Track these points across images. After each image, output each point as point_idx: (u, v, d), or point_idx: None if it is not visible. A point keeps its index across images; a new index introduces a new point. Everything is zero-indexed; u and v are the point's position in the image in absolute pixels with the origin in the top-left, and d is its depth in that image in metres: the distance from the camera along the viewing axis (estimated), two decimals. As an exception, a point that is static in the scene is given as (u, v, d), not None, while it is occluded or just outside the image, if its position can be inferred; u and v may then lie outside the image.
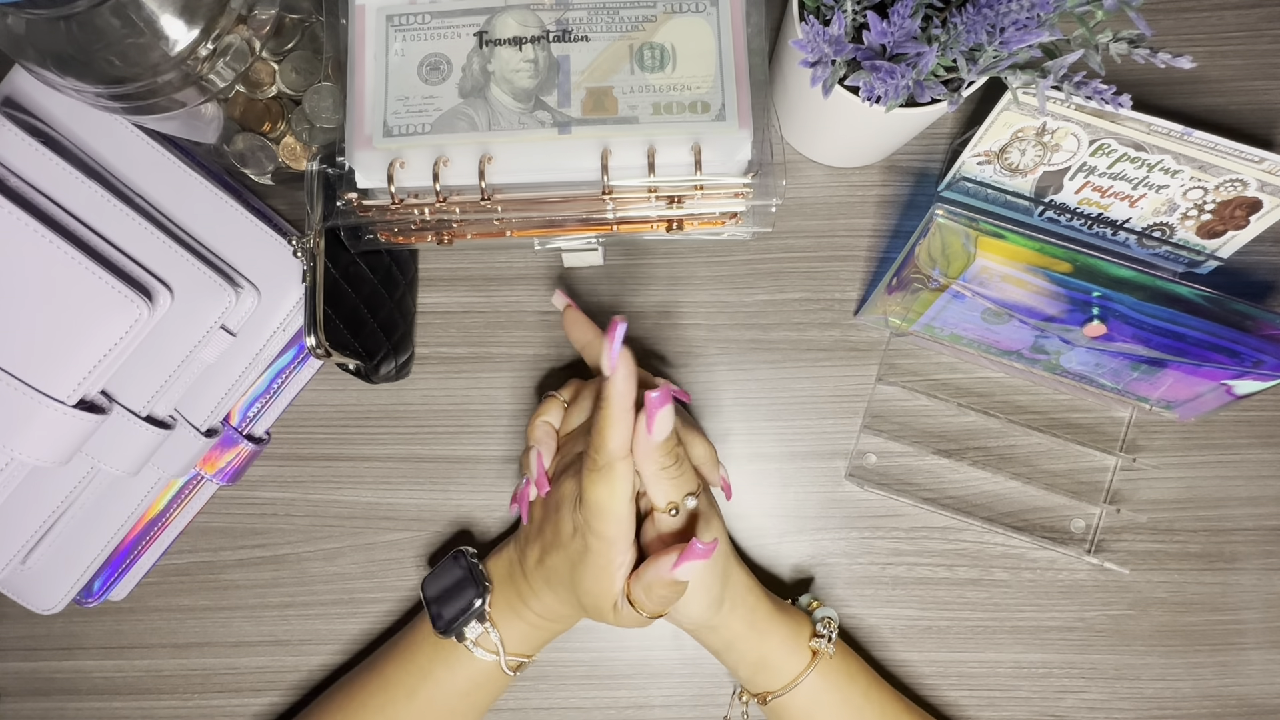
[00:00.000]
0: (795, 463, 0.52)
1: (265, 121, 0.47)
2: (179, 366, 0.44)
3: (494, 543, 0.52)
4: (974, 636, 0.51)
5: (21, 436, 0.39)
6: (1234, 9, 0.53)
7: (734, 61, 0.41)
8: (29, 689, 0.52)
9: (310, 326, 0.42)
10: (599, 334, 0.46)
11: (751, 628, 0.44)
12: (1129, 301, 0.41)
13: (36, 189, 0.42)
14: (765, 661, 0.45)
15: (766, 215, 0.43)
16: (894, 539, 0.51)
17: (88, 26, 0.36)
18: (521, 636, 0.45)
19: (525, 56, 0.42)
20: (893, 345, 0.52)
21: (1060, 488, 0.51)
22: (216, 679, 0.52)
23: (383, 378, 0.49)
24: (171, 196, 0.46)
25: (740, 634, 0.44)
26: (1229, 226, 0.47)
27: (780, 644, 0.44)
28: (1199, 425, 0.51)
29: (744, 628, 0.44)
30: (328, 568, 0.52)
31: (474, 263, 0.53)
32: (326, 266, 0.43)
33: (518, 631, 0.45)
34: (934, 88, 0.40)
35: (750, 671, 0.45)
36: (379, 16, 0.42)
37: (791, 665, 0.44)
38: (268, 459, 0.53)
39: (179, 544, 0.52)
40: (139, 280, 0.42)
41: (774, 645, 0.44)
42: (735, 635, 0.44)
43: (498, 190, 0.41)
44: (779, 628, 0.45)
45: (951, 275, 0.42)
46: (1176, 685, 0.50)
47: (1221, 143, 0.42)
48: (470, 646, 0.45)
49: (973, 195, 0.51)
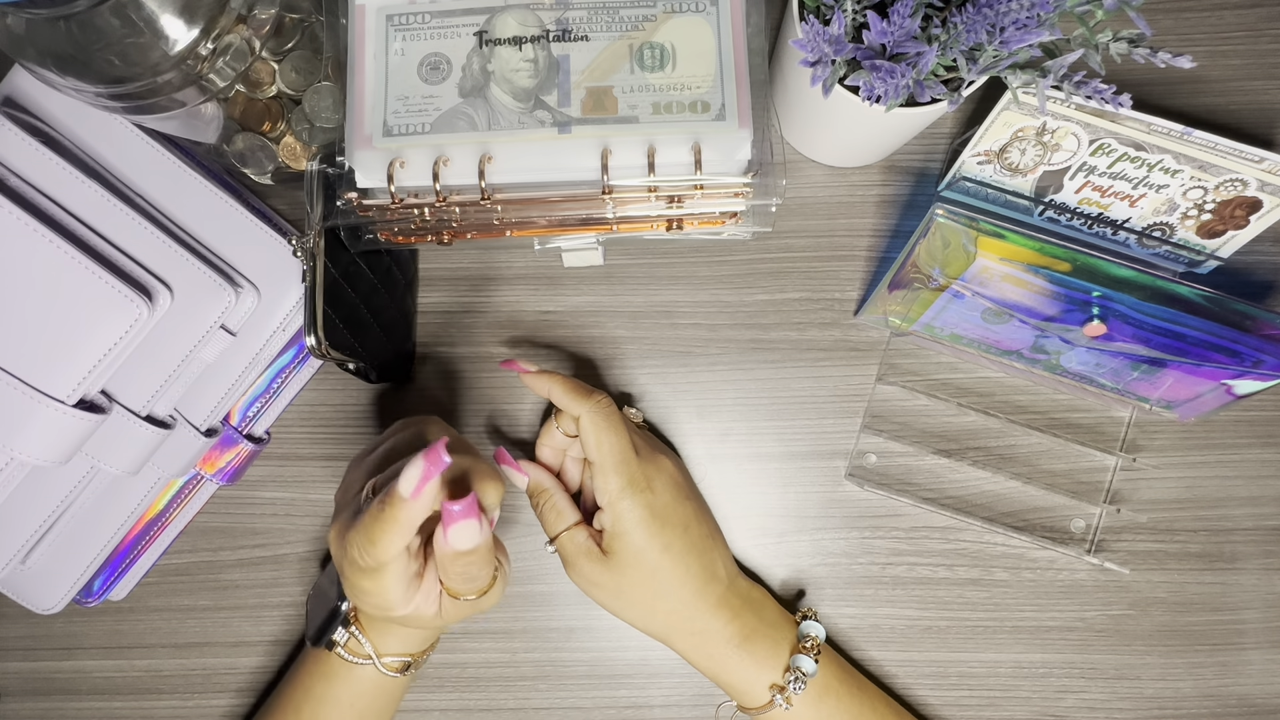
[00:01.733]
0: (795, 463, 0.52)
1: (265, 121, 0.47)
2: (179, 366, 0.44)
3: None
4: (974, 636, 0.51)
5: (21, 436, 0.39)
6: (1234, 9, 0.53)
7: (734, 61, 0.41)
8: (29, 689, 0.52)
9: (310, 326, 0.42)
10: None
11: (736, 648, 0.45)
12: (1129, 301, 0.41)
13: (36, 189, 0.42)
14: (735, 687, 0.45)
15: (766, 215, 0.43)
16: (894, 539, 0.51)
17: (88, 26, 0.36)
18: (399, 638, 0.44)
19: (525, 56, 0.42)
20: (893, 345, 0.52)
21: (1060, 488, 0.51)
22: (216, 679, 0.52)
23: (383, 378, 0.49)
24: (171, 196, 0.46)
25: (708, 659, 0.45)
26: (1229, 226, 0.47)
27: (745, 677, 0.45)
28: (1199, 425, 0.51)
29: (722, 648, 0.44)
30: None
31: (474, 263, 0.53)
32: (326, 266, 0.43)
33: (392, 634, 0.44)
34: (934, 87, 0.40)
35: (727, 691, 0.46)
36: (379, 16, 0.42)
37: (760, 695, 0.45)
38: (268, 459, 0.53)
39: (179, 544, 0.52)
40: (139, 280, 0.42)
41: (740, 676, 0.45)
42: (704, 660, 0.45)
43: (498, 190, 0.41)
44: (745, 659, 0.45)
45: (951, 275, 0.42)
46: (1177, 685, 0.50)
47: (1221, 142, 0.42)
48: (341, 654, 0.44)
49: (973, 195, 0.51)
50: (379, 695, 0.45)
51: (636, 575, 0.43)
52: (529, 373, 0.45)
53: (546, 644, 0.52)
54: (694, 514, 0.45)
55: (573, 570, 0.44)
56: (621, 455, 0.43)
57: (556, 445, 0.48)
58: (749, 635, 0.45)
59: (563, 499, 0.45)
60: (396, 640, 0.44)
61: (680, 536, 0.44)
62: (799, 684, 0.44)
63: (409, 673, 0.46)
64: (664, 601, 0.44)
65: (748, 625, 0.45)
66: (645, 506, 0.43)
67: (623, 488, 0.42)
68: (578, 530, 0.44)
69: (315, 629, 0.44)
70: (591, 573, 0.44)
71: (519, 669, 0.52)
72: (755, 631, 0.45)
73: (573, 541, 0.44)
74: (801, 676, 0.44)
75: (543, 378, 0.44)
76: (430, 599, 0.36)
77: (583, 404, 0.43)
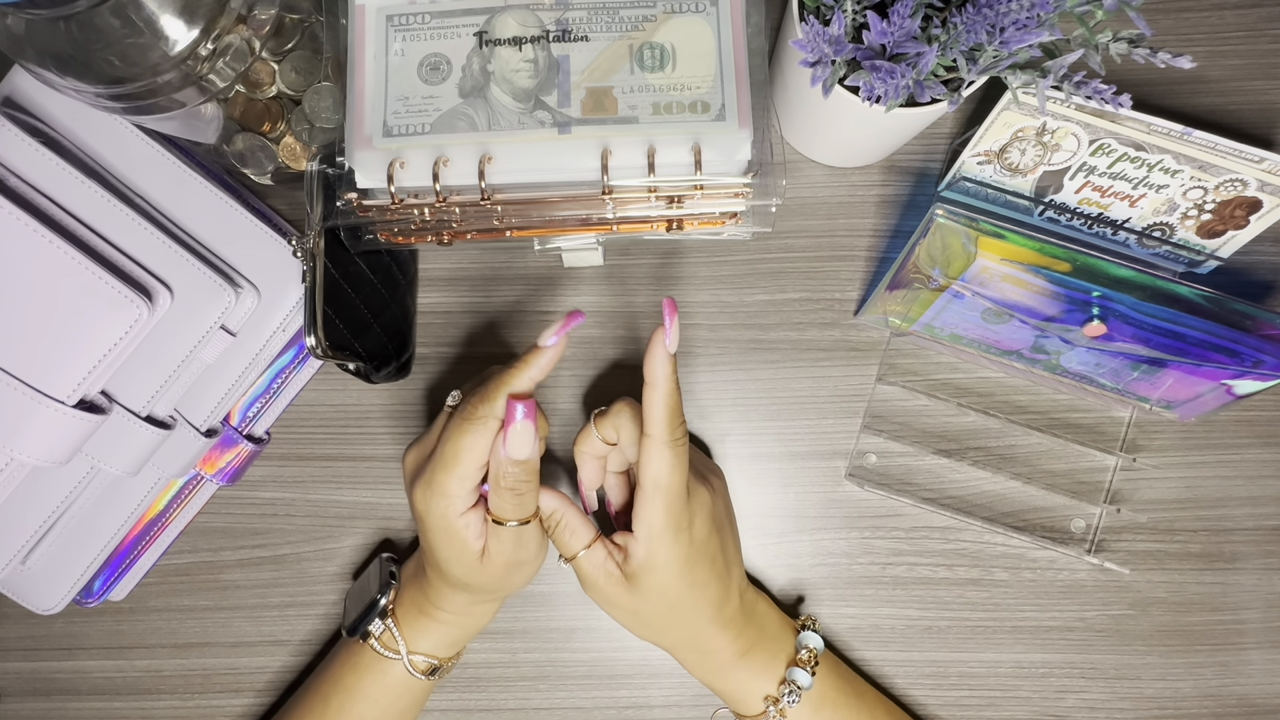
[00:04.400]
0: (795, 463, 0.52)
1: (265, 121, 0.47)
2: (179, 366, 0.44)
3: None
4: (974, 636, 0.51)
5: (21, 436, 0.39)
6: (1234, 9, 0.53)
7: (734, 61, 0.41)
8: (29, 689, 0.52)
9: (310, 326, 0.42)
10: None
11: (736, 660, 0.44)
12: (1129, 301, 0.41)
13: (36, 189, 0.42)
14: (730, 696, 0.45)
15: (766, 215, 0.43)
16: (894, 539, 0.51)
17: (88, 26, 0.36)
18: (430, 636, 0.45)
19: (525, 56, 0.42)
20: (893, 345, 0.52)
21: (1060, 488, 0.51)
22: (216, 679, 0.52)
23: (383, 378, 0.49)
24: (171, 196, 0.46)
25: (708, 671, 0.45)
26: (1229, 226, 0.47)
27: (741, 688, 0.45)
28: (1199, 425, 0.51)
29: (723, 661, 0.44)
30: (327, 568, 0.52)
31: (474, 263, 0.53)
32: (326, 266, 0.43)
33: (425, 631, 0.45)
34: (934, 87, 0.40)
35: (723, 699, 0.46)
36: (379, 16, 0.42)
37: (755, 705, 0.45)
38: (268, 459, 0.53)
39: (179, 544, 0.52)
40: (139, 280, 0.42)
41: (736, 686, 0.45)
42: (703, 672, 0.45)
43: (498, 190, 0.41)
44: (743, 671, 0.44)
45: (951, 275, 0.42)
46: (1177, 685, 0.50)
47: (1221, 142, 0.42)
48: (374, 645, 0.45)
49: (973, 195, 0.51)
50: (403, 695, 0.46)
51: (658, 604, 0.42)
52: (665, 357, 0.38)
53: (546, 644, 0.52)
54: (723, 543, 0.44)
55: (591, 589, 0.43)
56: (676, 495, 0.40)
57: (596, 452, 0.45)
58: (749, 648, 0.44)
59: (575, 518, 0.42)
60: (429, 638, 0.45)
61: (707, 569, 0.42)
62: (794, 697, 0.44)
63: (434, 678, 0.46)
64: (678, 626, 0.43)
65: (749, 639, 0.45)
66: (683, 546, 0.41)
67: (665, 526, 0.40)
68: (596, 549, 0.42)
69: (353, 619, 0.46)
70: (612, 595, 0.42)
71: (519, 669, 0.52)
72: (755, 644, 0.45)
73: (590, 563, 0.42)
74: (796, 690, 0.44)
75: (668, 377, 0.39)
76: (478, 532, 0.40)
77: (672, 433, 0.39)
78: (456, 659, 0.48)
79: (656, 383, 0.39)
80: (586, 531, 0.42)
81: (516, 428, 0.37)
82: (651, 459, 0.39)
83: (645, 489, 0.40)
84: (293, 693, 0.52)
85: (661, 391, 0.39)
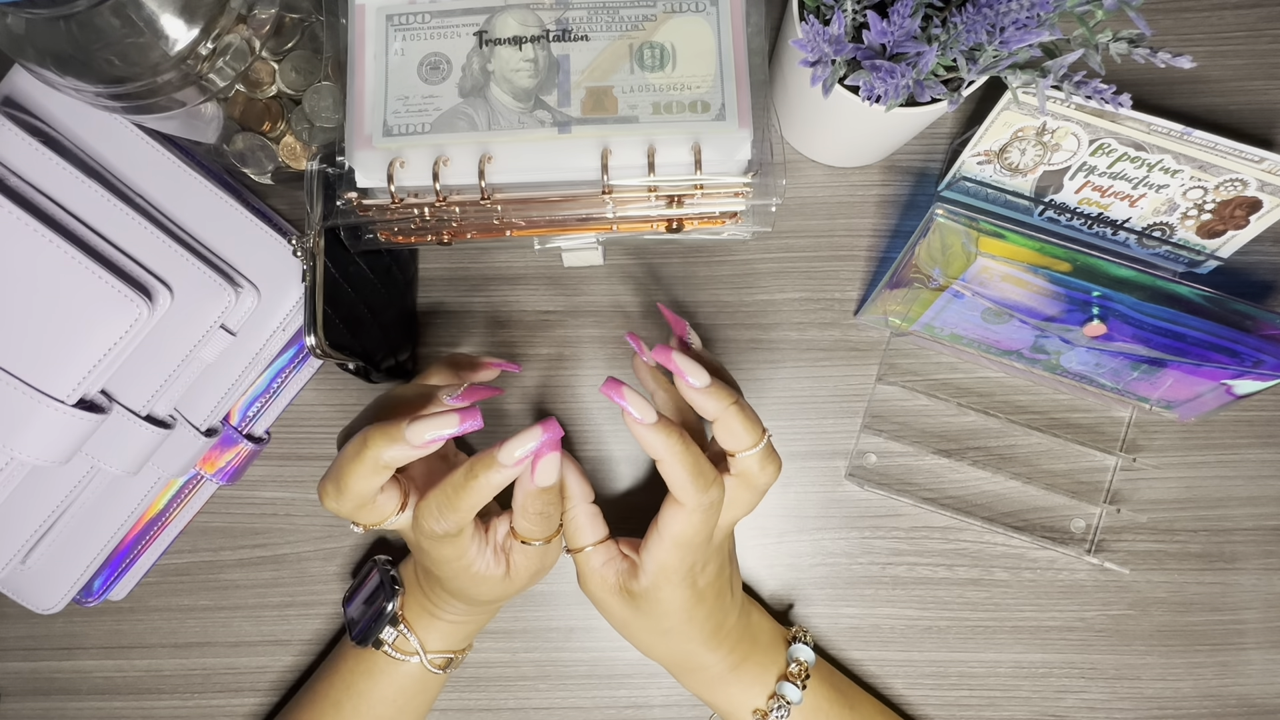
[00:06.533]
0: (795, 463, 0.52)
1: (265, 121, 0.47)
2: (179, 366, 0.44)
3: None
4: (974, 636, 0.51)
5: (21, 436, 0.39)
6: (1233, 9, 0.53)
7: (734, 61, 0.41)
8: (29, 689, 0.52)
9: (310, 326, 0.42)
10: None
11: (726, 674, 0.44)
12: (1129, 301, 0.41)
13: (36, 189, 0.42)
14: (720, 708, 0.45)
15: (766, 215, 0.43)
16: (894, 539, 0.51)
17: (88, 26, 0.36)
18: (442, 634, 0.45)
19: (525, 56, 0.42)
20: (893, 345, 0.52)
21: (1060, 488, 0.51)
22: (216, 679, 0.52)
23: (382, 377, 0.49)
24: (171, 196, 0.46)
25: (698, 685, 0.45)
26: (1229, 226, 0.47)
27: (731, 701, 0.45)
28: (1199, 425, 0.51)
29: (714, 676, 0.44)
30: (327, 568, 0.52)
31: (474, 263, 0.53)
32: (326, 266, 0.43)
33: (436, 630, 0.45)
34: (934, 87, 0.40)
35: (714, 710, 0.46)
36: (379, 16, 0.42)
37: (744, 718, 0.45)
38: (268, 459, 0.53)
39: (179, 544, 0.52)
40: (139, 280, 0.42)
41: (726, 699, 0.45)
42: (693, 686, 0.45)
43: (498, 190, 0.41)
44: (733, 685, 0.44)
45: (951, 275, 0.42)
46: (1177, 685, 0.50)
47: (1221, 142, 0.42)
48: (389, 652, 0.45)
49: (973, 195, 0.51)
50: (420, 691, 0.47)
51: (652, 625, 0.42)
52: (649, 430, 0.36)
53: (546, 644, 0.52)
54: (728, 578, 0.43)
55: (586, 587, 0.43)
56: (697, 549, 0.39)
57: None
58: (740, 662, 0.44)
59: (587, 515, 0.42)
60: (440, 636, 0.45)
61: (711, 604, 0.42)
62: (782, 712, 0.44)
63: (448, 670, 0.47)
64: (670, 647, 0.43)
65: (741, 653, 0.44)
66: (690, 589, 0.40)
67: (675, 572, 0.39)
68: (601, 549, 0.42)
69: (361, 630, 0.46)
70: (605, 600, 0.42)
71: (519, 669, 0.52)
72: (747, 658, 0.45)
73: (592, 562, 0.42)
74: (785, 704, 0.44)
75: (666, 445, 0.36)
76: (498, 559, 0.40)
77: (698, 499, 0.37)
78: (469, 649, 0.49)
79: (659, 456, 0.36)
80: (595, 530, 0.42)
81: (546, 460, 0.35)
82: (676, 518, 0.38)
83: (664, 538, 0.38)
84: (293, 693, 0.52)
85: (669, 463, 0.36)
